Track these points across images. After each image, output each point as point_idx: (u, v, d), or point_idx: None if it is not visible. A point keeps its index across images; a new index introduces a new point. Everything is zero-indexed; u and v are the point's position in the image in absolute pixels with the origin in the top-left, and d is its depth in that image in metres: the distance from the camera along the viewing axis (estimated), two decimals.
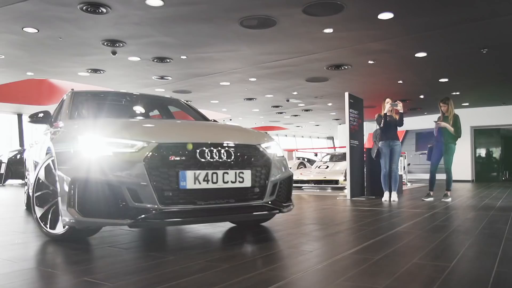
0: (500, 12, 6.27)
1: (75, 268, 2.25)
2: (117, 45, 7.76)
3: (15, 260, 2.38)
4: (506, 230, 3.43)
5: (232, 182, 2.71)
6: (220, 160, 2.69)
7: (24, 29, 6.89)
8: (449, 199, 6.31)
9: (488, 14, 6.32)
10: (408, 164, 13.78)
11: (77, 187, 2.51)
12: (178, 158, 2.58)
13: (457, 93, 12.62)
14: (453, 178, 6.53)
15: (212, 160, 2.66)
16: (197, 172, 2.59)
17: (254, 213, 2.92)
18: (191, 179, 2.56)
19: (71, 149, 2.65)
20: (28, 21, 6.57)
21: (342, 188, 9.36)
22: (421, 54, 8.47)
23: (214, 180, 2.64)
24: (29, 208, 5.00)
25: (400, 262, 2.32)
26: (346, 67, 9.52)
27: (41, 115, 3.63)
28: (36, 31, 6.99)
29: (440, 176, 6.51)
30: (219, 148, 2.72)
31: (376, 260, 2.34)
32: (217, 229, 3.50)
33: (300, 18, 6.46)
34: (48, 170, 2.97)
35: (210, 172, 2.63)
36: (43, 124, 3.78)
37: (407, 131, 18.04)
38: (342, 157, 11.26)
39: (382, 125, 6.53)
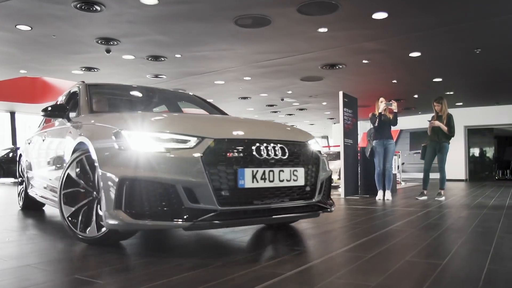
0: (493, 13, 6.31)
1: (66, 265, 2.24)
2: (111, 43, 7.72)
3: (5, 258, 2.36)
4: (498, 228, 3.46)
5: (287, 180, 2.59)
6: (276, 157, 2.58)
7: (17, 26, 6.82)
8: (443, 198, 6.34)
9: (481, 14, 6.36)
10: (402, 163, 13.84)
11: (125, 187, 2.30)
12: (235, 155, 2.43)
13: (451, 92, 12.69)
14: (447, 177, 6.56)
15: (268, 157, 2.54)
16: (255, 169, 2.45)
17: (306, 213, 2.81)
18: (249, 177, 2.42)
19: (115, 145, 2.44)
20: (21, 19, 6.52)
21: (336, 187, 9.37)
22: (415, 54, 8.50)
23: (271, 179, 2.51)
24: (26, 209, 4.92)
25: (392, 260, 2.33)
26: (341, 67, 9.53)
27: (53, 108, 3.38)
28: (30, 28, 6.93)
29: (434, 175, 6.55)
30: (273, 145, 2.61)
31: (369, 258, 2.34)
32: None
33: (295, 17, 6.46)
34: (80, 167, 2.73)
35: (267, 169, 2.50)
36: (57, 118, 3.55)
37: (401, 131, 18.11)
38: (336, 156, 11.26)
39: (376, 124, 6.55)
